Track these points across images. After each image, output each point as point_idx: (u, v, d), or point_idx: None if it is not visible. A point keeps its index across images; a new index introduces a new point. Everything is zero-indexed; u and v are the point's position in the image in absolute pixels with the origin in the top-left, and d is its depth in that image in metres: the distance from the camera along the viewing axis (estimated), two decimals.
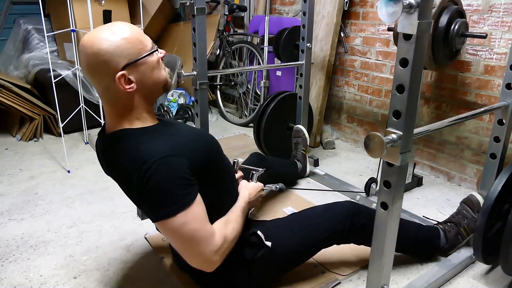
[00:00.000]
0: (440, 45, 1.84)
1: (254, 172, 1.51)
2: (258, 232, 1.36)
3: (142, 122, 1.16)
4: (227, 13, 3.44)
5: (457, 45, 1.87)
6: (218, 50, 3.58)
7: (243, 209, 1.32)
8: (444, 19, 1.80)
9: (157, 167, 1.04)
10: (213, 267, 1.15)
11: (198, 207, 1.09)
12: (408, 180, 2.26)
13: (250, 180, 1.49)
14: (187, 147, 1.15)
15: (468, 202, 1.69)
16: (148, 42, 1.12)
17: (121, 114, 1.14)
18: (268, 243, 1.35)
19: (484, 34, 1.85)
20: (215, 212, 1.21)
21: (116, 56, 1.05)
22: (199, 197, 1.11)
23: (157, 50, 1.15)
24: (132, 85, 1.09)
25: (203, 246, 1.10)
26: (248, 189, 1.40)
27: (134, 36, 1.08)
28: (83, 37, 1.08)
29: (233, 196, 1.35)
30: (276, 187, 1.56)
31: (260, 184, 1.47)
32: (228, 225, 1.22)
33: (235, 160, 1.51)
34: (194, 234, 1.08)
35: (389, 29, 2.29)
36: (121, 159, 1.12)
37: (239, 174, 1.49)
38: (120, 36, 1.06)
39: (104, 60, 1.05)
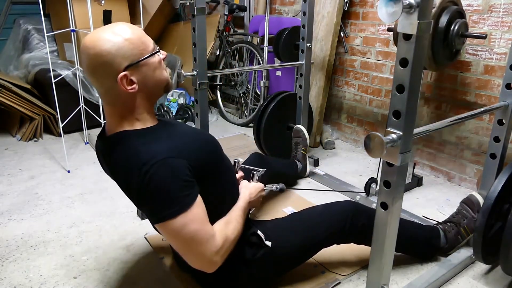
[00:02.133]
0: (440, 45, 1.84)
1: (255, 172, 1.52)
2: (259, 232, 1.37)
3: (142, 123, 1.16)
4: (227, 13, 3.44)
5: (457, 45, 1.87)
6: (218, 50, 3.58)
7: (244, 209, 1.32)
8: (444, 20, 1.81)
9: (157, 169, 1.03)
10: (214, 267, 1.16)
11: (198, 208, 1.09)
12: (408, 180, 2.26)
13: (251, 181, 1.49)
14: (187, 147, 1.15)
15: (468, 202, 1.69)
16: (149, 43, 1.12)
17: (122, 115, 1.14)
18: (268, 243, 1.35)
19: (484, 35, 1.85)
20: (215, 213, 1.21)
21: (118, 57, 1.05)
22: (199, 198, 1.11)
23: (159, 51, 1.15)
24: (134, 86, 1.09)
25: (203, 247, 1.10)
26: (248, 189, 1.39)
27: (136, 37, 1.08)
28: (85, 38, 1.08)
29: (234, 196, 1.35)
30: (277, 187, 1.55)
31: (261, 185, 1.47)
32: (229, 225, 1.22)
33: (235, 160, 1.51)
34: (195, 235, 1.08)
35: (389, 29, 2.29)
36: (121, 161, 1.11)
37: (239, 174, 1.50)
38: (122, 36, 1.06)
39: (106, 61, 1.05)
